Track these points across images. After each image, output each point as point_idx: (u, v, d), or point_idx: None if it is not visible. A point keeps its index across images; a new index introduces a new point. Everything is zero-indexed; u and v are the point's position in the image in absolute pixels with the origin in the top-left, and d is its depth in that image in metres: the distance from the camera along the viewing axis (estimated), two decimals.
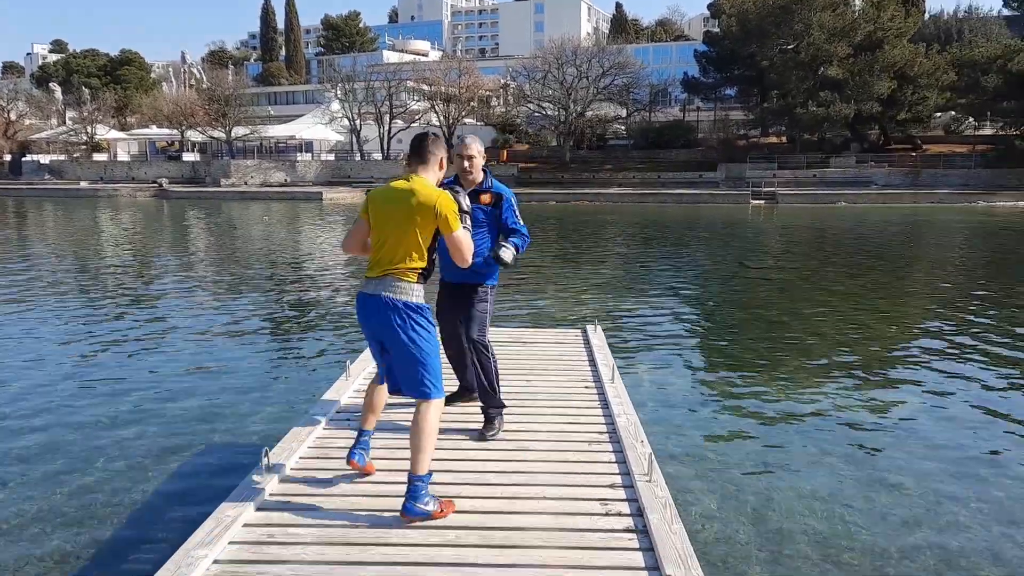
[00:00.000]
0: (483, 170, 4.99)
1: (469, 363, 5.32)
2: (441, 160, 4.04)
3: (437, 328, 4.76)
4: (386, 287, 3.82)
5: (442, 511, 3.67)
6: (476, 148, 4.88)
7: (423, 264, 3.87)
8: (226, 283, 16.40)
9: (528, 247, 5.08)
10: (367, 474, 4.23)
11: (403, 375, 3.89)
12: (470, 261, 3.97)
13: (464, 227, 3.92)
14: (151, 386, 8.52)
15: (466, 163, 4.85)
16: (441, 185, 4.11)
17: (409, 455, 3.79)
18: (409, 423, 3.89)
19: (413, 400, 3.94)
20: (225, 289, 15.54)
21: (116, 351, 10.20)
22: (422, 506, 3.62)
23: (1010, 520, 5.40)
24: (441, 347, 5.20)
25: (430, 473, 3.76)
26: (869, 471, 6.24)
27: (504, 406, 5.03)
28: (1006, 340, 10.93)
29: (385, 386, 4.25)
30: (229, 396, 8.15)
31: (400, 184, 3.90)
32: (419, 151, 3.98)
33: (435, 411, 3.83)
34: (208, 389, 8.40)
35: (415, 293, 3.87)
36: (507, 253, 4.74)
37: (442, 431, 4.33)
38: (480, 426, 4.94)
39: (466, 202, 4.07)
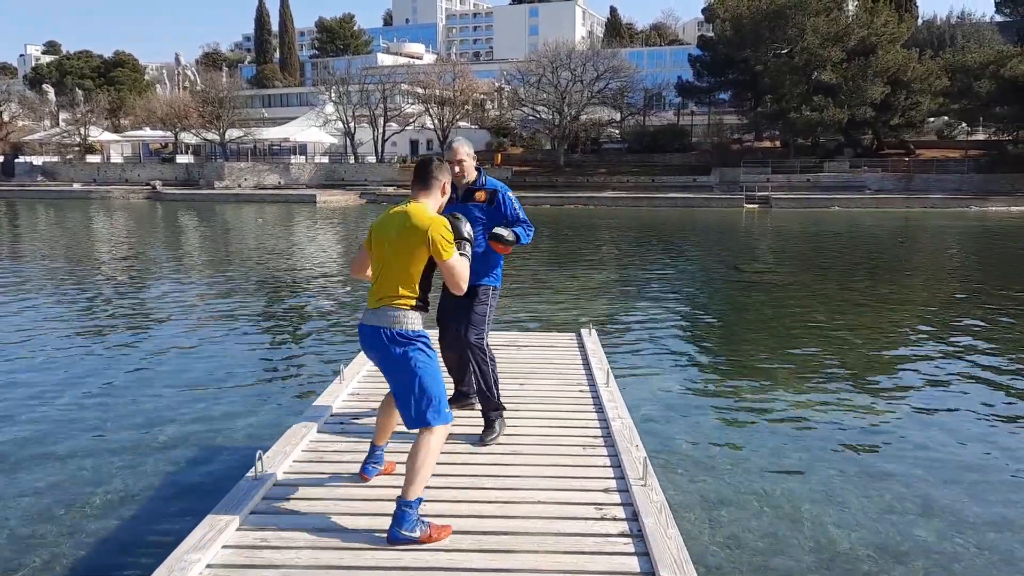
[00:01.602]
0: (476, 169, 5.00)
1: (468, 369, 5.31)
2: (444, 186, 3.97)
3: (437, 335, 4.85)
4: (383, 318, 3.77)
5: (430, 536, 3.52)
6: (464, 151, 4.89)
7: (416, 293, 3.79)
8: (220, 286, 16.35)
9: (533, 237, 5.07)
10: (385, 474, 4.27)
11: (404, 405, 3.78)
12: (464, 289, 3.87)
13: (462, 253, 3.82)
14: (143, 390, 8.49)
15: (456, 168, 4.85)
16: (444, 211, 4.03)
17: (405, 458, 3.73)
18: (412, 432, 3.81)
19: None
20: (219, 292, 15.50)
21: (108, 354, 10.15)
22: (407, 532, 3.49)
23: (1005, 524, 5.41)
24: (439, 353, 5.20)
25: (420, 499, 3.62)
26: (864, 475, 6.25)
27: (504, 409, 4.99)
28: (999, 344, 10.97)
29: None
30: (222, 400, 8.12)
31: (396, 210, 3.87)
32: (423, 176, 3.91)
33: (437, 438, 3.73)
34: (201, 393, 8.36)
35: (411, 321, 3.77)
36: (505, 231, 4.76)
37: None
38: (478, 431, 4.91)
39: (468, 230, 3.96)
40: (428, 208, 3.85)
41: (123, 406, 7.89)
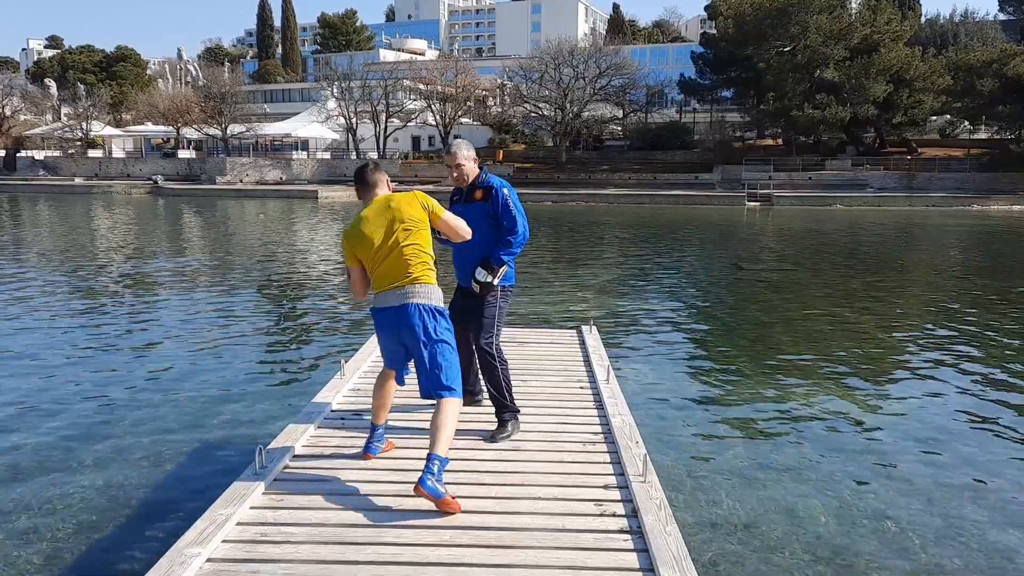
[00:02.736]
0: (480, 167, 4.96)
1: (472, 367, 5.31)
2: (387, 181, 4.25)
3: None
4: (415, 295, 3.96)
5: (447, 503, 3.67)
6: (463, 154, 4.84)
7: (433, 263, 4.06)
8: (221, 281, 16.36)
9: (525, 243, 4.98)
10: (386, 451, 4.48)
11: (432, 376, 4.01)
12: (469, 234, 4.19)
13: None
14: (144, 384, 8.50)
15: (455, 172, 4.86)
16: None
17: (409, 455, 3.82)
18: (411, 423, 3.94)
19: (420, 400, 4.13)
20: (219, 287, 15.51)
21: (109, 349, 10.16)
22: (437, 484, 3.66)
23: (1004, 523, 5.41)
24: None
25: (447, 459, 3.83)
26: (863, 473, 6.25)
27: (518, 411, 4.95)
28: (1000, 343, 10.97)
29: (393, 383, 4.40)
30: (223, 394, 8.13)
31: (372, 211, 4.06)
32: (364, 179, 4.21)
33: (455, 407, 3.99)
34: (202, 387, 8.37)
35: (439, 296, 4.05)
36: (480, 273, 4.84)
37: None
38: (479, 428, 4.91)
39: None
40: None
41: (124, 401, 7.90)
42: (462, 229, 4.14)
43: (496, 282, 4.87)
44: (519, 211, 4.89)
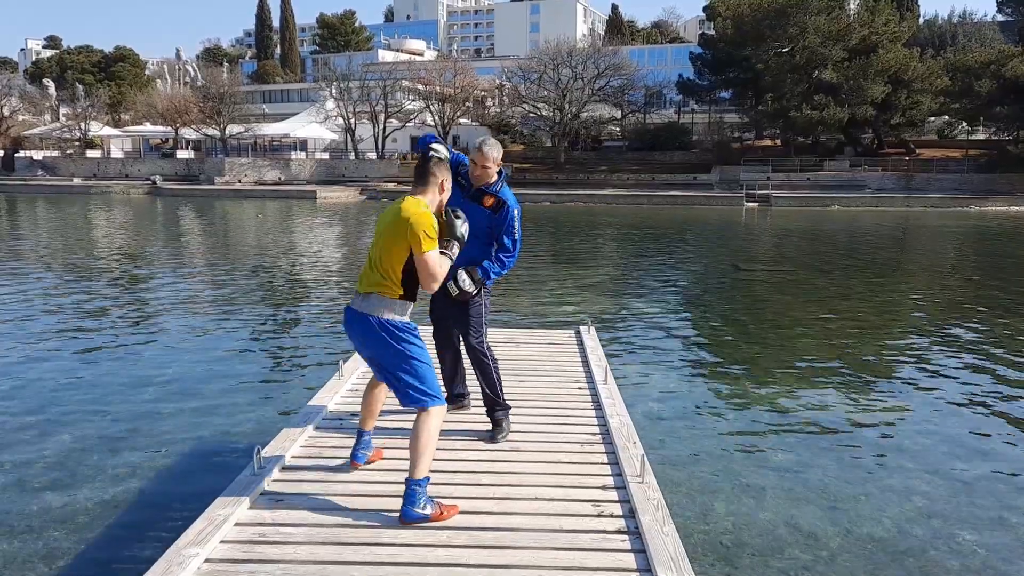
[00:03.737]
0: (498, 172, 4.94)
1: (462, 370, 5.29)
2: (442, 183, 3.99)
3: (431, 332, 4.88)
4: (371, 306, 3.82)
5: (442, 513, 3.65)
6: (493, 157, 4.79)
7: (401, 282, 3.81)
8: (219, 283, 16.36)
9: (512, 266, 4.96)
10: (373, 461, 4.36)
11: (397, 389, 3.88)
12: (433, 287, 3.86)
13: (443, 252, 3.84)
14: (142, 384, 8.50)
15: (477, 172, 4.81)
16: (448, 205, 4.08)
17: (405, 455, 3.80)
18: (407, 423, 3.89)
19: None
20: (218, 289, 15.50)
21: (107, 350, 10.16)
22: (419, 510, 3.62)
23: (1000, 522, 5.43)
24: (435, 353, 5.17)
25: (427, 478, 3.74)
26: (861, 473, 6.26)
27: (509, 408, 4.98)
28: (997, 343, 10.98)
29: (382, 388, 4.29)
30: (221, 395, 8.13)
31: (395, 203, 3.94)
32: (420, 174, 3.98)
33: (435, 419, 3.81)
34: (200, 388, 8.38)
35: (399, 310, 3.83)
36: (465, 281, 4.73)
37: None
38: (474, 429, 4.91)
39: (462, 230, 3.98)
40: (423, 203, 3.87)
41: (121, 402, 7.90)
42: (432, 278, 3.79)
43: (475, 291, 4.82)
44: (520, 234, 4.92)
